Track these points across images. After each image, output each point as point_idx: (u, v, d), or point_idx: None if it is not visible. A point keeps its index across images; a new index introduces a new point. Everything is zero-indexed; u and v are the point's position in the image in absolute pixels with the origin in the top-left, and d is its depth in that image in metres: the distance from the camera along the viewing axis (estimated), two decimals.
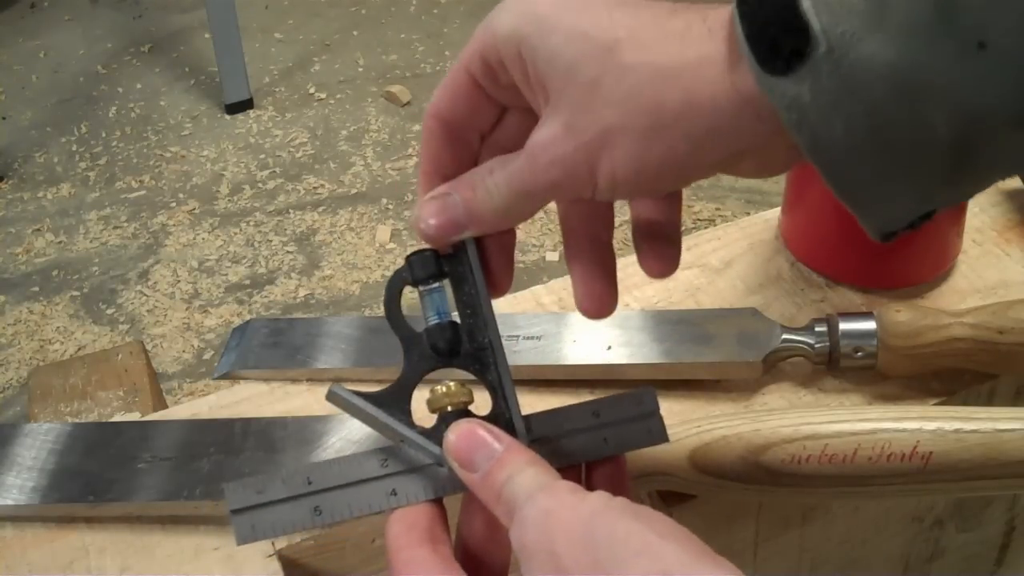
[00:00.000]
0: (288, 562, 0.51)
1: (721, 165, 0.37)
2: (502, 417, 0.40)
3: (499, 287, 0.43)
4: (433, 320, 0.41)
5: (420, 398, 0.41)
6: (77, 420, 0.64)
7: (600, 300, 0.43)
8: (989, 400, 0.57)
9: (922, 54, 0.32)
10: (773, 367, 0.57)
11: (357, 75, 2.46)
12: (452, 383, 0.40)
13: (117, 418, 0.64)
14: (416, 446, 0.40)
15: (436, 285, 0.41)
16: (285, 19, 2.71)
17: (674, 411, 0.56)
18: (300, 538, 0.52)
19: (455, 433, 0.38)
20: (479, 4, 2.68)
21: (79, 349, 1.76)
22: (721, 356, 0.56)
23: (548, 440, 0.41)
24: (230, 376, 0.62)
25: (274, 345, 0.63)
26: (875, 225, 0.37)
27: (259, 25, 2.66)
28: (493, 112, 0.42)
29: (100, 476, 0.54)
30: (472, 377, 0.41)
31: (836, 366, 0.55)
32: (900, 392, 0.56)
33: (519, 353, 0.58)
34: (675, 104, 0.35)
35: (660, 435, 0.42)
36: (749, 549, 0.56)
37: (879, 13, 0.32)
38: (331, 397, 0.40)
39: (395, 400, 0.40)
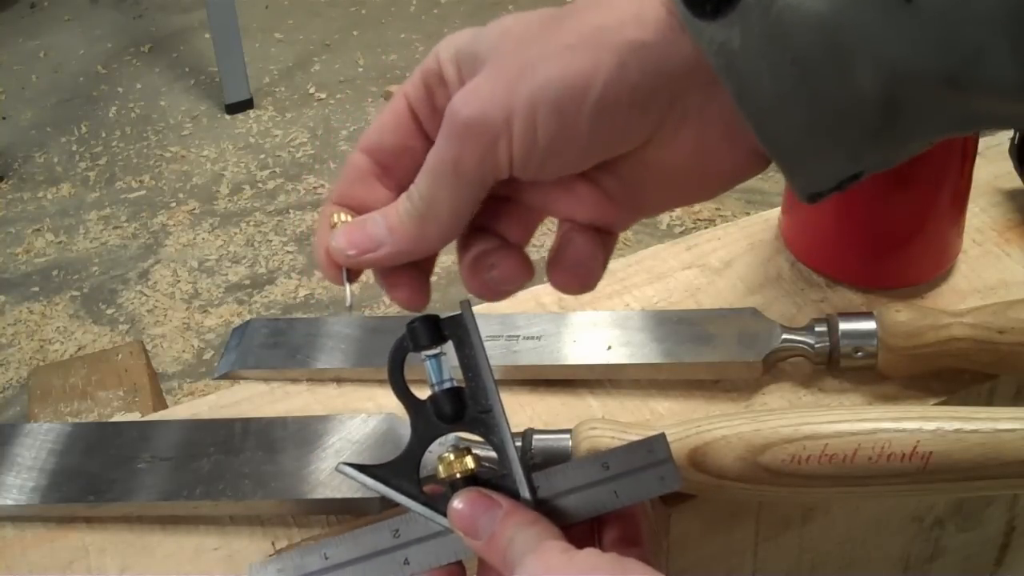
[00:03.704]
0: None
1: (646, 103, 0.35)
2: (509, 479, 0.41)
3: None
4: (436, 387, 0.41)
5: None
6: (77, 420, 0.64)
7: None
8: (989, 400, 0.57)
9: (851, 6, 0.31)
10: (773, 367, 0.57)
11: (357, 75, 2.46)
12: (458, 450, 0.41)
13: (117, 418, 0.64)
14: (425, 517, 0.41)
15: (437, 350, 0.41)
16: (285, 19, 2.71)
17: (674, 411, 0.56)
18: (300, 538, 0.52)
19: (457, 503, 0.39)
20: (479, 4, 2.68)
21: (79, 349, 1.76)
22: (721, 356, 0.56)
23: (556, 498, 0.41)
24: (230, 376, 0.62)
25: (274, 345, 0.63)
26: (802, 183, 0.36)
27: (259, 25, 2.66)
28: (421, 149, 0.41)
29: (100, 476, 0.54)
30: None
31: (836, 366, 0.55)
32: (900, 392, 0.56)
33: (519, 353, 0.58)
34: (596, 21, 0.35)
35: (673, 482, 0.41)
36: (749, 549, 0.56)
37: None
38: (340, 471, 0.42)
39: (404, 470, 0.41)
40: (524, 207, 0.41)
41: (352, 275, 0.41)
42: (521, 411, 0.57)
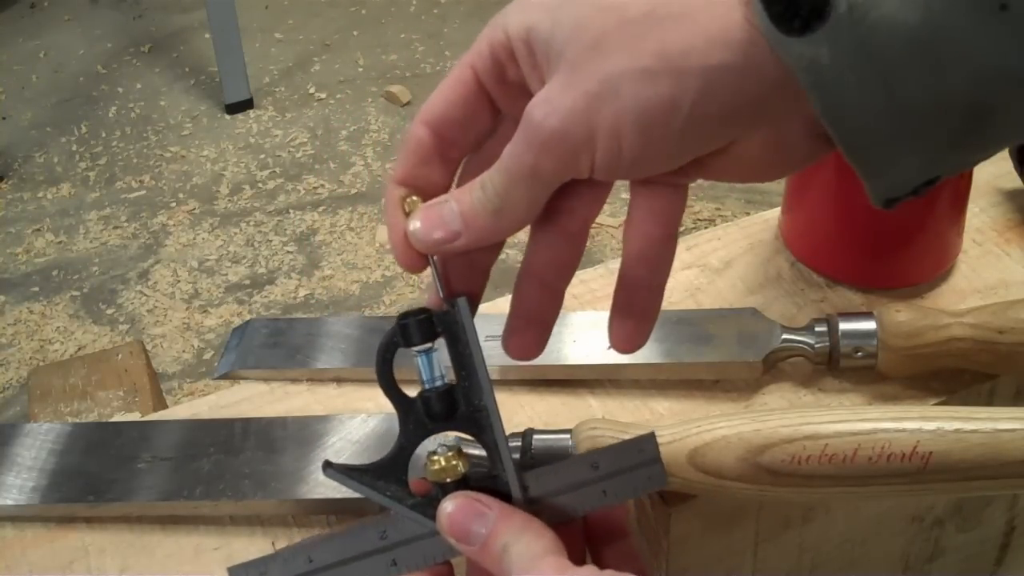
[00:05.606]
0: None
1: (734, 118, 0.35)
2: (500, 479, 0.40)
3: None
4: (427, 384, 0.40)
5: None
6: (77, 420, 0.64)
7: (527, 346, 0.44)
8: (989, 400, 0.57)
9: (943, 15, 0.31)
10: (773, 367, 0.57)
11: (357, 75, 2.46)
12: (448, 453, 0.40)
13: (117, 418, 0.64)
14: (411, 520, 0.40)
15: (429, 346, 0.40)
16: (285, 19, 2.71)
17: (674, 411, 0.56)
18: (300, 538, 0.52)
19: (447, 512, 0.39)
20: (479, 4, 2.68)
21: (79, 349, 1.76)
22: (721, 356, 0.56)
23: (546, 498, 0.40)
24: (230, 376, 0.62)
25: (274, 345, 0.63)
26: (879, 189, 0.36)
27: (259, 25, 2.66)
28: (487, 120, 0.41)
29: (100, 476, 0.54)
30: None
31: (836, 366, 0.55)
32: (900, 392, 0.56)
33: None
34: (682, 41, 0.34)
35: (660, 481, 0.42)
36: (749, 549, 0.56)
37: None
38: (327, 475, 0.41)
39: (392, 470, 0.41)
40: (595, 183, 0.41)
41: (425, 261, 0.40)
42: (521, 411, 0.57)
